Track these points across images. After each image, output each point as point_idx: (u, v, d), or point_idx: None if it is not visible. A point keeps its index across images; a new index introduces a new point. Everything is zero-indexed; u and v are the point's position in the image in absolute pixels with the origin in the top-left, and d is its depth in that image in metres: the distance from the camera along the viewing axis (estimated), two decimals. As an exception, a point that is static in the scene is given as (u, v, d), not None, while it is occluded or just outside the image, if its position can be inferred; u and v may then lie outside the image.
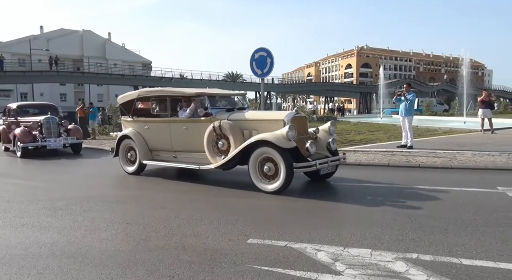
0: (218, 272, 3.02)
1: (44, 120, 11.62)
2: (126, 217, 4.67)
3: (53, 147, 11.43)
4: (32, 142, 11.15)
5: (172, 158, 7.27)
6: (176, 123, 7.06)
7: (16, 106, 12.97)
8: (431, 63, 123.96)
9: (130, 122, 7.95)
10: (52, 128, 11.61)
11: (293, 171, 5.56)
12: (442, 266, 3.01)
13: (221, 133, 6.26)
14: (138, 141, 7.54)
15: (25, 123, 11.91)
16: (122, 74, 53.08)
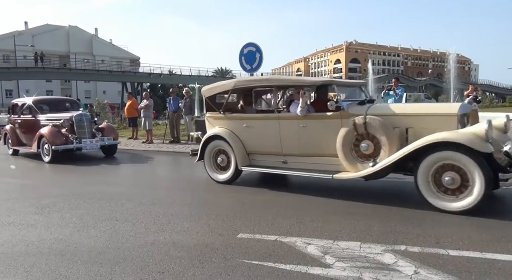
0: (208, 267, 3.01)
1: (77, 117, 9.69)
2: (115, 214, 4.63)
3: (89, 149, 9.66)
4: (65, 144, 9.27)
5: (280, 163, 5.78)
6: (290, 120, 5.60)
7: (32, 102, 10.80)
8: (419, 58, 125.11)
9: (221, 119, 6.40)
10: (86, 127, 9.75)
11: (495, 185, 4.18)
12: (430, 257, 3.06)
13: (365, 132, 4.84)
14: (234, 143, 6.05)
15: (49, 122, 9.91)
16: (109, 70, 52.50)
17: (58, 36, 64.60)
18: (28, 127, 10.53)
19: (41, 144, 9.55)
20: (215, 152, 6.39)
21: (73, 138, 9.38)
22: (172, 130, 12.79)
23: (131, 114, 14.25)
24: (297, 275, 2.82)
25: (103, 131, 10.14)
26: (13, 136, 11.08)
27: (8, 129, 11.39)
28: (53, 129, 9.52)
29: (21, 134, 10.88)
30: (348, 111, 5.14)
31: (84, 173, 8.13)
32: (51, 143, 9.20)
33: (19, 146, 10.95)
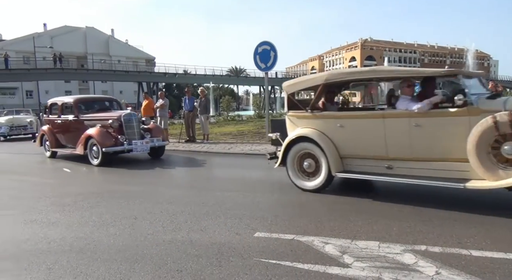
0: (226, 265, 3.02)
1: (125, 116, 9.02)
2: (133, 212, 4.68)
3: (140, 151, 8.95)
4: (115, 146, 8.61)
5: (383, 169, 4.99)
6: (399, 118, 4.81)
7: (74, 100, 10.02)
8: (436, 54, 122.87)
9: (307, 118, 5.62)
10: (135, 127, 9.05)
11: None
12: (452, 257, 2.99)
13: (511, 132, 3.96)
14: (326, 146, 5.28)
15: (94, 122, 9.23)
16: (126, 71, 53.19)
17: (76, 37, 65.75)
18: (69, 128, 9.82)
19: (89, 146, 8.81)
20: (300, 156, 5.62)
21: (123, 139, 8.70)
22: (187, 130, 12.87)
23: (148, 114, 14.37)
24: (315, 274, 2.80)
25: (151, 132, 9.46)
26: (51, 138, 10.27)
27: (45, 130, 10.54)
28: (102, 130, 8.79)
29: (61, 135, 10.16)
30: (479, 106, 4.28)
31: (102, 172, 8.26)
32: (101, 144, 8.45)
33: (58, 148, 10.21)
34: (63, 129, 10.06)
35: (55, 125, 10.29)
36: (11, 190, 6.41)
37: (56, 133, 10.28)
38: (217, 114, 25.82)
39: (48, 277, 2.92)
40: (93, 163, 8.72)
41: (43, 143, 10.79)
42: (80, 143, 9.06)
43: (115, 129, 8.85)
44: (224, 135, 14.14)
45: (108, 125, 8.89)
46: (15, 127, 17.82)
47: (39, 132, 11.24)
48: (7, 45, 57.97)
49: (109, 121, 8.94)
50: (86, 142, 8.89)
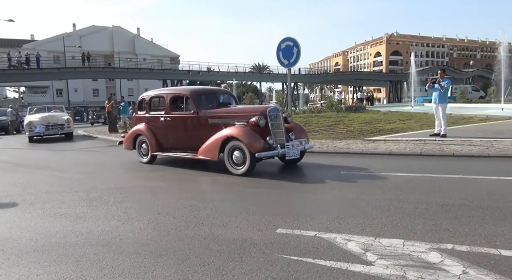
0: (248, 261, 3.03)
1: (271, 112, 6.94)
2: (157, 207, 4.77)
3: (292, 156, 6.90)
4: (268, 150, 6.57)
5: None
6: None
7: (191, 93, 7.82)
8: (466, 48, 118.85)
9: None
10: (282, 126, 7.04)
11: None
12: (480, 257, 2.90)
13: None
14: None
15: (225, 119, 7.19)
16: (151, 69, 54.14)
17: (103, 37, 67.44)
18: (183, 127, 7.81)
19: (228, 150, 6.79)
20: None
21: (272, 141, 6.68)
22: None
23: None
24: (337, 272, 2.77)
25: (293, 131, 7.40)
26: (152, 139, 8.27)
27: (142, 129, 8.48)
28: (247, 130, 6.72)
29: (167, 136, 8.12)
30: None
31: (127, 167, 8.44)
32: (252, 148, 6.46)
33: (161, 151, 8.21)
34: (172, 128, 7.98)
35: (159, 124, 8.22)
36: (42, 184, 6.65)
37: (159, 134, 8.24)
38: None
39: (76, 269, 3.02)
40: (235, 171, 6.70)
41: (137, 146, 8.74)
42: (213, 147, 6.93)
43: (259, 129, 6.73)
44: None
45: (253, 123, 6.72)
46: (51, 126, 15.81)
47: (130, 132, 9.08)
48: (39, 45, 60.14)
49: (252, 118, 6.75)
50: (223, 145, 6.81)
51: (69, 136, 16.29)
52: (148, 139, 8.36)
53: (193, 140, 7.47)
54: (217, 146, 6.86)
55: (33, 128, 15.50)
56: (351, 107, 24.42)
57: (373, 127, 13.48)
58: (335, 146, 9.44)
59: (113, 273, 2.93)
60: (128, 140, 9.02)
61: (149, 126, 8.44)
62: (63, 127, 16.02)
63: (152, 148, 8.32)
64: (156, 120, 8.32)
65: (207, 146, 7.04)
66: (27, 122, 15.94)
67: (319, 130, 13.52)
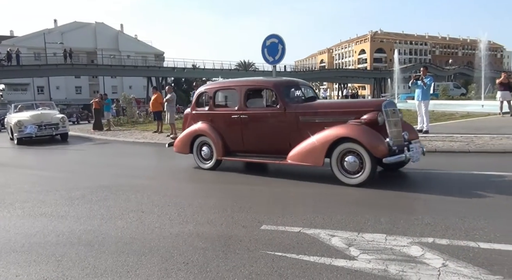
0: (232, 258, 3.03)
1: (388, 107, 5.55)
2: (141, 205, 4.72)
3: (416, 160, 5.57)
4: (394, 155, 5.22)
5: None
6: None
7: (276, 85, 6.39)
8: (448, 46, 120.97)
9: None
10: (399, 123, 5.72)
11: None
12: (459, 250, 2.96)
13: None
14: None
15: (324, 117, 5.80)
16: (135, 66, 53.48)
17: (86, 33, 66.22)
18: (263, 126, 6.36)
19: (338, 154, 5.37)
20: None
21: (392, 142, 5.26)
22: (196, 124, 12.87)
23: (156, 108, 14.48)
24: (321, 267, 2.80)
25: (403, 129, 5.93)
26: (219, 141, 6.76)
27: (205, 130, 6.94)
28: (365, 128, 5.31)
29: (239, 136, 6.58)
30: None
31: (111, 166, 8.34)
32: (376, 151, 5.11)
33: (229, 156, 6.78)
34: (247, 128, 6.49)
35: (228, 123, 6.71)
36: (22, 184, 6.51)
37: (228, 134, 6.75)
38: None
39: (57, 269, 2.97)
40: (348, 180, 5.30)
41: (195, 149, 7.20)
42: (313, 150, 5.55)
43: (375, 128, 5.38)
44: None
45: (367, 121, 5.35)
46: (44, 125, 13.63)
47: (187, 133, 7.29)
48: (19, 41, 58.69)
49: (365, 115, 5.40)
50: (331, 147, 5.40)
51: (63, 137, 14.37)
52: (214, 140, 6.83)
53: (277, 141, 6.14)
54: (323, 150, 5.41)
55: (23, 129, 13.35)
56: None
57: (358, 123, 13.60)
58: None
59: (95, 272, 2.89)
60: (183, 142, 7.34)
61: (213, 125, 6.91)
62: (58, 126, 13.91)
63: (218, 152, 6.81)
64: (225, 118, 6.80)
65: (305, 149, 5.65)
66: (16, 121, 13.55)
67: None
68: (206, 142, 7.00)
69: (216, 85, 7.35)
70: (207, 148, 7.01)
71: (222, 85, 7.40)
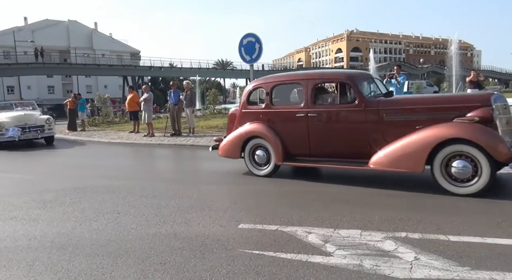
0: (209, 257, 3.03)
1: (498, 101, 4.79)
2: (116, 207, 4.64)
3: None
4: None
5: None
6: None
7: (351, 77, 5.55)
8: (421, 45, 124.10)
9: None
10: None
11: None
12: (430, 243, 3.06)
13: None
14: None
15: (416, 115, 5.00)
16: (110, 65, 52.48)
17: (58, 31, 64.35)
18: (338, 126, 5.50)
19: (444, 159, 4.53)
20: None
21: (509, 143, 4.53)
22: (173, 123, 12.78)
23: (132, 108, 14.26)
24: (298, 264, 2.83)
25: None
26: (279, 144, 5.81)
27: (261, 131, 5.98)
28: (480, 127, 4.47)
29: (307, 138, 5.64)
30: None
31: (86, 167, 8.16)
32: (497, 155, 4.26)
33: (289, 161, 5.84)
34: (316, 128, 5.58)
35: (291, 122, 5.81)
36: (-9, 187, 6.28)
37: (290, 136, 5.83)
38: (204, 108, 25.71)
39: (28, 274, 2.89)
40: (456, 190, 4.45)
41: (247, 153, 6.19)
42: (410, 154, 4.72)
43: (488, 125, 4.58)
44: (210, 128, 14.09)
45: (478, 118, 4.54)
46: (28, 128, 12.18)
47: (238, 134, 6.26)
48: (-14, 39, 56.47)
49: (471, 112, 4.63)
50: (433, 151, 4.54)
51: (49, 140, 12.78)
52: (272, 143, 5.86)
53: (354, 143, 5.32)
54: (424, 153, 4.59)
55: (5, 132, 11.87)
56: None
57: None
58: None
59: (69, 276, 2.82)
60: (232, 145, 6.30)
61: (271, 125, 5.97)
62: (43, 129, 12.39)
63: (278, 156, 5.83)
64: (287, 116, 5.89)
65: (397, 153, 4.82)
66: None
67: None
68: (261, 145, 6.03)
69: (274, 79, 6.26)
70: (262, 152, 6.03)
71: (282, 79, 6.32)
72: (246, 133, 6.15)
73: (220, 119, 17.63)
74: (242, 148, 6.19)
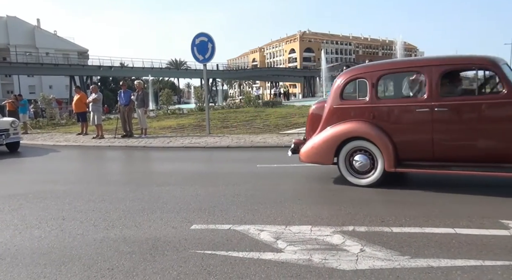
0: (160, 260, 2.97)
1: None
2: (62, 212, 4.42)
3: None
4: None
5: None
6: None
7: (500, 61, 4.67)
8: (369, 46, 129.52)
9: None
10: None
11: None
12: (375, 235, 3.20)
13: None
14: None
15: None
16: (55, 64, 49.73)
17: (-5, 28, 60.09)
18: (477, 122, 4.52)
19: None
20: None
21: None
22: (123, 124, 12.38)
23: (80, 109, 13.65)
24: (249, 261, 2.85)
25: None
26: (389, 146, 4.77)
27: (364, 130, 4.93)
28: None
29: (430, 139, 4.66)
30: None
31: (27, 172, 7.68)
32: None
33: (404, 166, 4.79)
34: (444, 125, 4.62)
35: (407, 120, 4.86)
36: None
37: (404, 136, 4.82)
38: (157, 108, 25.13)
39: (-40, 288, 2.67)
40: None
41: (343, 158, 5.08)
42: None
43: None
44: (163, 129, 13.80)
45: None
46: None
47: (331, 135, 5.11)
48: None
49: None
50: None
51: (13, 147, 10.74)
52: (381, 145, 4.80)
53: (498, 144, 4.44)
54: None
55: None
56: (268, 102, 25.10)
57: (288, 121, 14.03)
58: (251, 141, 9.64)
59: (7, 288, 2.65)
60: (323, 148, 5.16)
61: (378, 123, 4.90)
62: (8, 134, 10.48)
63: (389, 161, 4.74)
64: (402, 112, 4.90)
65: None
66: None
67: (237, 125, 13.69)
68: (362, 148, 4.96)
69: (381, 68, 5.11)
70: (363, 157, 4.94)
71: (394, 66, 5.28)
72: (343, 133, 5.02)
73: (174, 119, 17.32)
74: (336, 152, 5.08)
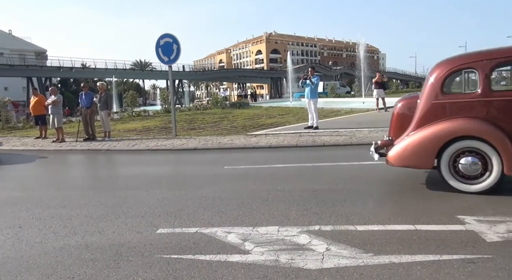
0: (124, 266, 2.89)
1: None
2: (18, 220, 4.20)
3: None
4: None
5: None
6: None
7: None
8: (334, 48, 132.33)
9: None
10: None
11: None
12: (340, 234, 3.27)
13: None
14: None
15: None
16: (10, 65, 47.32)
17: None
18: None
19: None
20: None
21: None
22: (86, 127, 11.95)
23: (38, 112, 13.05)
24: (217, 264, 2.83)
25: None
26: (509, 147, 4.15)
27: (479, 129, 4.29)
28: None
29: None
30: None
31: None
32: None
33: None
34: None
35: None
36: None
37: None
38: (121, 110, 24.46)
39: None
40: None
41: (446, 162, 4.40)
42: None
43: None
44: (128, 131, 13.46)
45: None
46: None
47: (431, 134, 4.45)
48: None
49: None
50: None
51: None
52: (500, 146, 4.17)
53: None
54: None
55: None
56: (236, 103, 25.07)
57: (256, 122, 14.09)
58: (219, 142, 9.59)
59: (-43, 303, 2.49)
60: (422, 149, 4.48)
61: (494, 120, 4.26)
62: None
63: (510, 163, 4.13)
64: None
65: None
66: None
67: (204, 127, 13.58)
68: (472, 149, 4.31)
69: (496, 56, 4.36)
70: (472, 159, 4.30)
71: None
72: (448, 133, 4.37)
73: (139, 122, 16.94)
74: (437, 154, 4.41)
